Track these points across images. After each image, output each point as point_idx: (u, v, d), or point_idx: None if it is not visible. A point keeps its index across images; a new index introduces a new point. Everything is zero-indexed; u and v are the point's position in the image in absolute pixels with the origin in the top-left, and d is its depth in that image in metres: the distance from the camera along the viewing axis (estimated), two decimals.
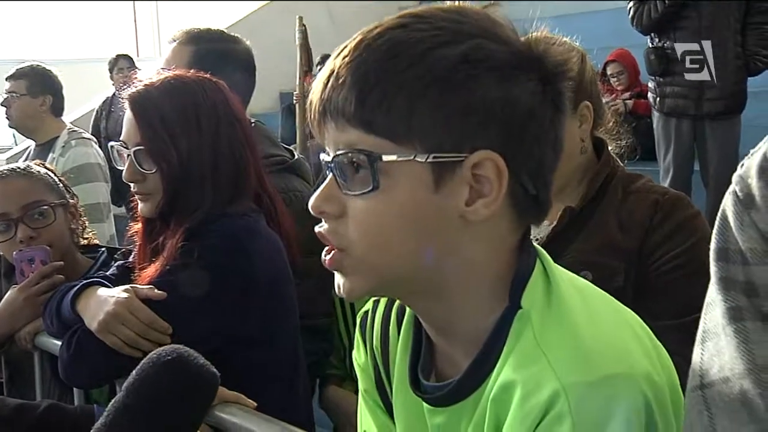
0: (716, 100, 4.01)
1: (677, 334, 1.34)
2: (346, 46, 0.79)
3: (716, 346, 0.64)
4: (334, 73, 0.78)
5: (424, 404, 0.88)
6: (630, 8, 4.19)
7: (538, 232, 1.48)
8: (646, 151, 4.54)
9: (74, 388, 1.67)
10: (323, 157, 0.82)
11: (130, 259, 1.72)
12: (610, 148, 1.52)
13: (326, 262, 0.82)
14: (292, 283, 1.66)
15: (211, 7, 8.19)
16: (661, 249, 1.38)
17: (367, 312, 1.00)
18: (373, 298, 1.00)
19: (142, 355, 1.47)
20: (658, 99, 4.22)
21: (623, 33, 4.76)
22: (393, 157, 0.77)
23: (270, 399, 1.42)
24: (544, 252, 0.87)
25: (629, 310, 0.89)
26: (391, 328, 0.96)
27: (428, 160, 0.77)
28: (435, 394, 0.87)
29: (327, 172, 0.81)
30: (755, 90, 4.29)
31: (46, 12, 8.45)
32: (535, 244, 0.87)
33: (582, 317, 0.80)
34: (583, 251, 1.39)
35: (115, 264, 1.77)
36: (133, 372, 1.20)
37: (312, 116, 0.81)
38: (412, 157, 0.77)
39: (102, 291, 1.53)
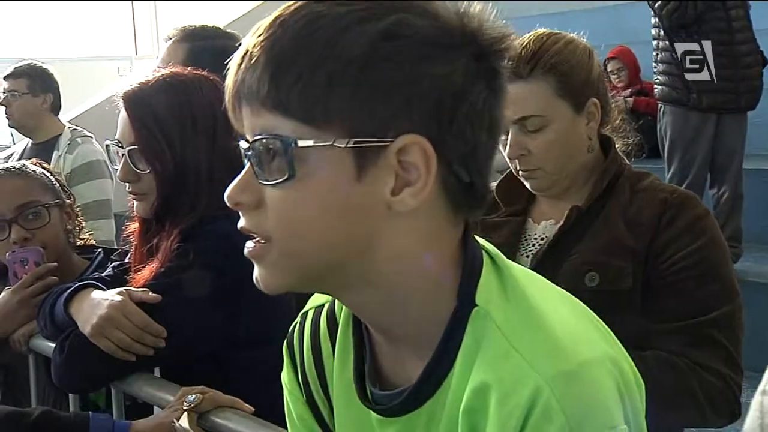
0: (751, 93, 4.00)
1: (682, 335, 1.32)
2: (261, 25, 0.73)
3: None
4: (248, 53, 0.72)
5: (374, 416, 0.82)
6: (664, 3, 4.04)
7: (544, 232, 1.46)
8: (649, 148, 4.52)
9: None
10: (242, 144, 0.75)
11: (126, 260, 1.69)
12: (617, 146, 1.49)
13: (247, 252, 0.77)
14: None
15: (210, 5, 8.16)
16: (669, 249, 1.35)
17: (293, 329, 0.94)
18: (301, 312, 0.94)
19: (136, 359, 1.45)
20: (693, 95, 4.08)
21: (623, 30, 4.75)
22: (310, 143, 0.70)
23: (268, 402, 1.39)
24: (490, 246, 0.82)
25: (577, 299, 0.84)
26: (321, 340, 0.89)
27: (349, 146, 0.70)
28: (388, 405, 0.81)
29: (246, 161, 0.75)
30: None
31: (43, 10, 8.42)
32: (485, 242, 0.82)
33: (543, 308, 0.76)
34: (589, 251, 1.37)
35: (111, 265, 1.74)
36: None
37: (227, 100, 0.75)
38: (331, 142, 0.70)
39: (95, 294, 1.50)
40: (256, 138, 0.72)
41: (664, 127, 4.26)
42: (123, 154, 1.55)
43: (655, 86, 4.36)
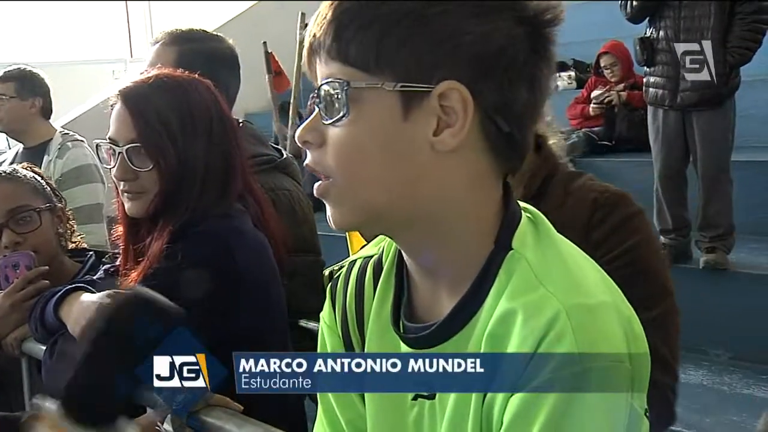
0: (690, 92, 3.96)
1: None
2: None
3: None
4: (320, 13, 0.84)
5: (403, 349, 0.90)
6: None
7: None
8: (642, 142, 4.53)
9: None
10: (313, 94, 0.86)
11: (117, 263, 1.70)
12: (552, 142, 1.43)
13: (315, 190, 0.86)
14: (280, 282, 1.64)
15: (204, 7, 8.18)
16: (600, 250, 1.31)
17: (339, 275, 1.04)
18: (349, 260, 1.04)
19: None
20: (645, 89, 4.21)
21: (617, 24, 4.76)
22: (362, 84, 0.81)
23: (258, 401, 1.41)
24: (531, 207, 0.91)
25: None
26: (366, 284, 0.98)
27: (396, 89, 0.81)
28: (417, 335, 0.88)
29: (316, 107, 0.86)
30: (749, 79, 4.26)
31: (37, 13, 8.43)
32: (526, 204, 0.91)
33: (571, 257, 0.86)
34: None
35: (102, 268, 1.76)
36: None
37: (305, 57, 0.87)
38: (379, 85, 0.81)
39: (85, 296, 1.52)
40: (321, 83, 0.84)
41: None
42: (119, 153, 1.54)
43: None
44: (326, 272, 1.89)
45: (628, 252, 1.31)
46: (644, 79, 4.24)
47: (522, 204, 0.90)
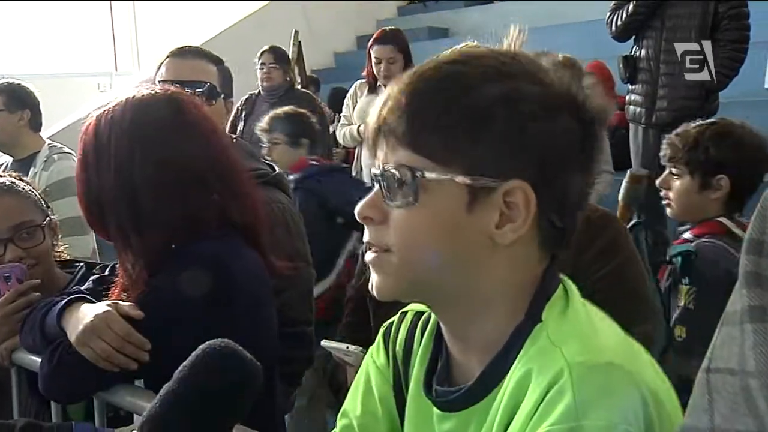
0: (664, 111, 4.04)
1: None
2: (404, 76, 0.90)
3: (729, 333, 0.62)
4: (391, 98, 0.89)
5: (434, 410, 0.95)
6: (607, 16, 4.27)
7: None
8: (624, 161, 4.59)
9: (51, 405, 1.66)
10: (373, 170, 0.92)
11: (106, 273, 1.73)
12: None
13: (368, 259, 0.91)
14: (272, 301, 1.66)
15: (189, 22, 8.20)
16: (591, 268, 1.38)
17: (392, 323, 1.08)
18: (401, 311, 1.07)
19: (119, 370, 1.47)
20: (626, 106, 4.30)
21: (598, 45, 4.84)
22: (434, 176, 0.86)
23: (249, 417, 1.42)
24: (570, 282, 0.94)
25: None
26: (416, 335, 1.03)
27: (465, 182, 0.85)
28: (446, 398, 0.93)
29: (374, 184, 0.91)
30: (724, 101, 4.33)
31: (23, 26, 8.41)
32: (565, 277, 0.94)
33: (593, 327, 0.89)
34: None
35: (91, 279, 1.77)
36: (185, 362, 1.17)
37: (368, 136, 0.92)
38: (450, 177, 0.85)
39: (85, 306, 1.53)
40: (389, 167, 0.88)
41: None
42: None
43: None
44: None
45: (614, 272, 1.37)
46: (626, 97, 4.32)
47: (562, 276, 0.94)
